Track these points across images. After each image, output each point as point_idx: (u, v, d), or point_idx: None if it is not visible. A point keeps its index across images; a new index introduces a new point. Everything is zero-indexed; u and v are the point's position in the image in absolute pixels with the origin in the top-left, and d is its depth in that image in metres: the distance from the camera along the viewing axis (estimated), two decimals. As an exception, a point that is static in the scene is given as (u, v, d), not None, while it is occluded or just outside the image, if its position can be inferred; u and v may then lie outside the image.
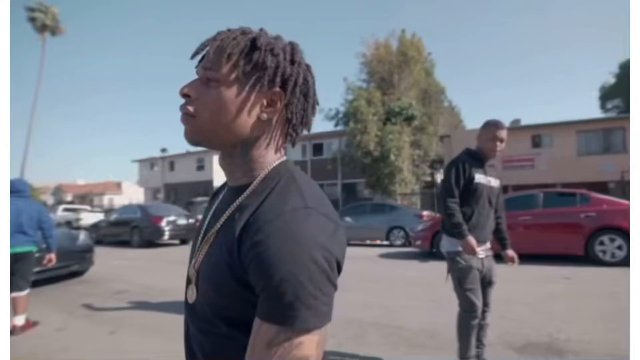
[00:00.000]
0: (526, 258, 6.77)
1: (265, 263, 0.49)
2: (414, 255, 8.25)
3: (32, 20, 25.46)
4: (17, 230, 3.94)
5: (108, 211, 19.60)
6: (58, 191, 44.53)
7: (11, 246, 3.78)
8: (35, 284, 5.73)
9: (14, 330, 3.69)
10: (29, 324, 3.89)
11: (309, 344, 0.49)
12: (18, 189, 4.14)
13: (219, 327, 0.58)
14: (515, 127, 17.63)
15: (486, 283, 2.42)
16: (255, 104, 0.60)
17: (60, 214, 19.91)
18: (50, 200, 39.99)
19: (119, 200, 34.63)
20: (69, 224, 15.06)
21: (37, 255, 4.13)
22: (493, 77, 67.90)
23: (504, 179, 2.63)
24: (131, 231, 11.52)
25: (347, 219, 11.35)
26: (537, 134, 17.22)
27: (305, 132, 0.68)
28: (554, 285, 5.19)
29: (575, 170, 15.28)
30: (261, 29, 0.63)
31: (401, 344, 3.32)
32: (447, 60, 63.94)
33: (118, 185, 44.04)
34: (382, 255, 8.64)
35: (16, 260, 3.89)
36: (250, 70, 0.59)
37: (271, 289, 0.49)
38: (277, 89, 0.60)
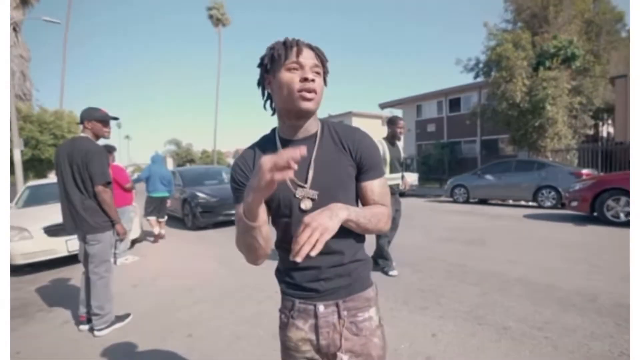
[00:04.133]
0: None
1: (370, 151, 1.06)
2: (569, 218, 7.41)
3: (210, 17, 31.83)
4: (161, 182, 6.71)
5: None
6: (237, 155, 57.04)
7: (157, 191, 6.70)
8: (217, 225, 7.54)
9: (156, 236, 6.87)
10: (162, 235, 6.95)
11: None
12: (157, 160, 6.93)
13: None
14: None
15: None
16: None
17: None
18: (232, 162, 51.49)
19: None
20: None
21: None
22: None
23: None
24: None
25: (488, 176, 10.71)
26: None
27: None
28: None
29: None
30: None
31: (552, 302, 3.15)
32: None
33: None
34: (529, 216, 8.08)
35: (160, 201, 6.81)
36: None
37: (375, 162, 1.07)
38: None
